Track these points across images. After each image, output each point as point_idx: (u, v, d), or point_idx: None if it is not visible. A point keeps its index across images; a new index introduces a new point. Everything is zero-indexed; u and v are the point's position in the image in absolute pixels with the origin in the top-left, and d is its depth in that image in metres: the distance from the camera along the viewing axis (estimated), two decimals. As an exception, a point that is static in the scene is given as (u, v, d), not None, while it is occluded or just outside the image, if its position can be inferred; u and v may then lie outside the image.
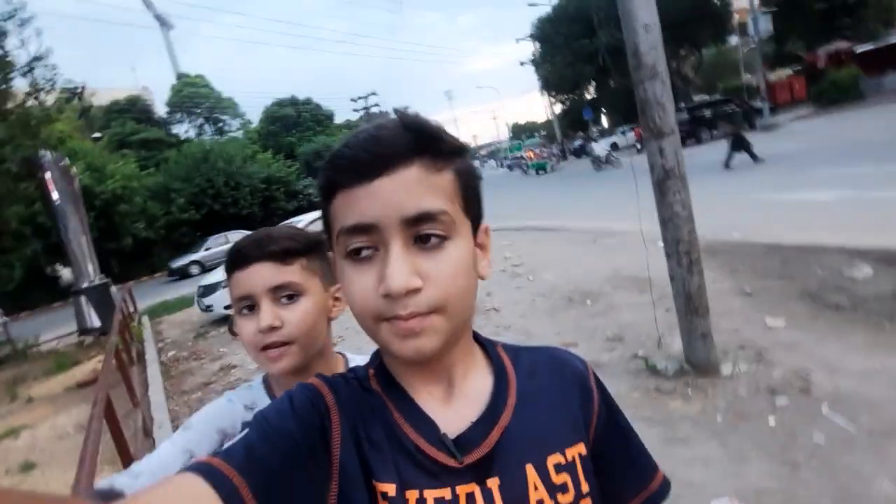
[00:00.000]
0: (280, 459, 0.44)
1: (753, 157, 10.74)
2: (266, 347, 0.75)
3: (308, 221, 9.33)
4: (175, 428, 4.16)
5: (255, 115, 36.74)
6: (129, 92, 33.58)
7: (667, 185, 2.79)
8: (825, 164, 8.55)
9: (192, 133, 34.52)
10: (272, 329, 0.74)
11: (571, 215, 9.27)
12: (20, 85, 8.81)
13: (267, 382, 0.85)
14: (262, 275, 0.76)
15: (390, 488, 0.46)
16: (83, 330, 9.19)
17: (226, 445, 0.46)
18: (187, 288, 11.53)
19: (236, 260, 0.78)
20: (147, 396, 5.07)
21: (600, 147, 19.64)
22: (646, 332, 3.64)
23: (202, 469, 0.42)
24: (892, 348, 2.81)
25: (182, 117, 34.50)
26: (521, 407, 0.51)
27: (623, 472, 0.56)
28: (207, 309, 7.97)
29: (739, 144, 10.82)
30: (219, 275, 8.34)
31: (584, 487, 0.50)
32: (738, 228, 5.71)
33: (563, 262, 6.29)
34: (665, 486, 0.57)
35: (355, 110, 38.61)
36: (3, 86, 8.31)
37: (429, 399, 0.50)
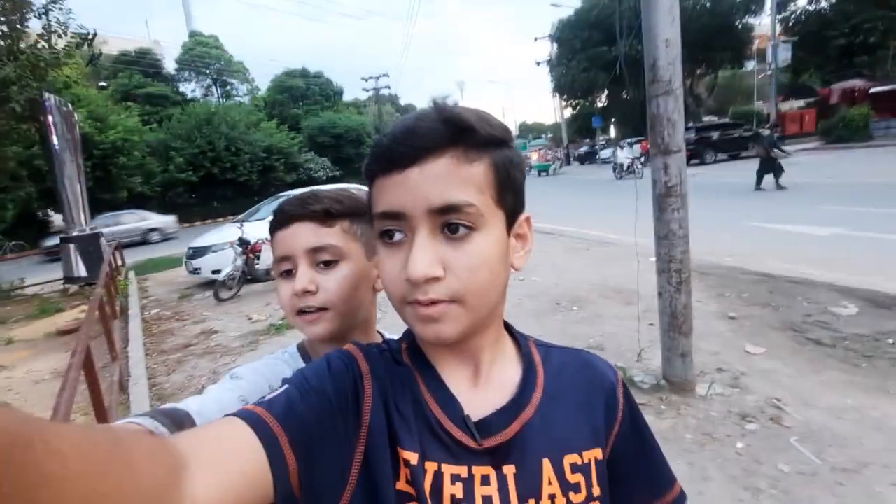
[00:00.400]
0: (316, 416, 0.47)
1: (758, 182, 10.77)
2: (302, 312, 0.73)
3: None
4: (152, 385, 4.16)
5: (263, 83, 36.32)
6: (140, 44, 33.04)
7: (667, 202, 2.80)
8: (825, 199, 8.62)
9: (198, 93, 34.06)
10: (306, 293, 0.72)
11: (569, 221, 9.30)
12: (33, 26, 8.68)
13: (303, 349, 0.83)
14: (301, 235, 0.73)
15: (413, 457, 0.48)
16: (69, 278, 9.11)
17: (267, 398, 0.49)
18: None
19: (279, 218, 0.75)
20: (126, 352, 5.05)
21: (625, 154, 18.86)
22: (627, 344, 3.68)
23: (247, 416, 0.45)
24: (866, 388, 2.86)
25: (190, 76, 34.00)
26: (544, 404, 0.52)
27: (640, 482, 0.57)
28: (195, 271, 7.94)
29: (770, 167, 10.62)
30: (210, 238, 8.31)
31: (596, 491, 0.51)
32: (731, 253, 5.76)
33: (556, 266, 6.31)
34: (680, 498, 0.58)
35: (365, 90, 38.24)
36: (18, 26, 8.17)
37: (456, 380, 0.52)
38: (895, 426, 2.47)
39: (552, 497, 0.49)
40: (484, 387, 0.53)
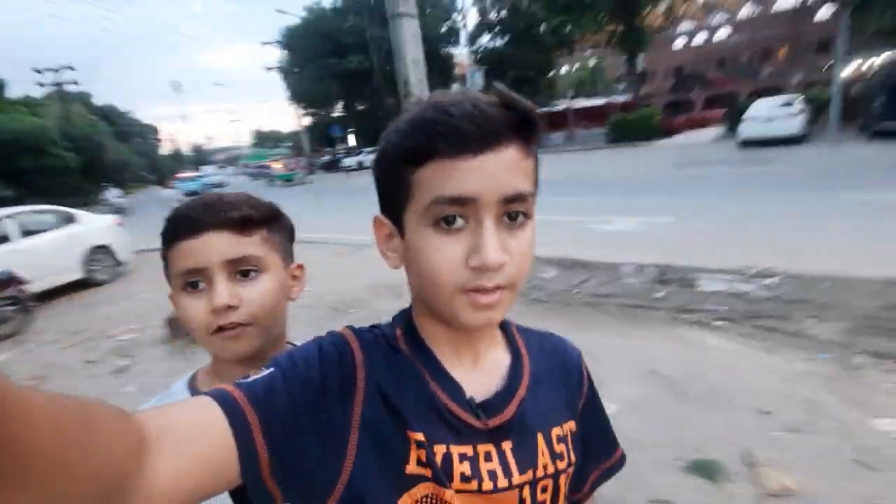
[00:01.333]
0: (296, 404, 0.46)
1: None
2: (220, 329, 0.65)
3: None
4: None
5: None
6: None
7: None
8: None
9: None
10: (229, 308, 0.64)
11: (330, 227, 9.44)
12: None
13: (193, 386, 0.71)
14: (217, 245, 0.64)
15: (422, 438, 0.49)
16: None
17: (250, 377, 0.47)
18: None
19: (184, 226, 0.65)
20: None
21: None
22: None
23: (221, 397, 0.43)
24: (569, 328, 3.95)
25: None
26: (532, 384, 0.57)
27: (594, 446, 0.63)
28: None
29: None
30: None
31: (573, 458, 0.57)
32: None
33: (325, 272, 6.37)
34: (622, 459, 0.66)
35: (41, 84, 29.85)
36: None
37: (457, 365, 0.54)
38: (589, 351, 3.49)
39: (545, 466, 0.53)
40: (482, 371, 0.56)
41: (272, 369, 0.48)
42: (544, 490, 0.53)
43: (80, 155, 28.33)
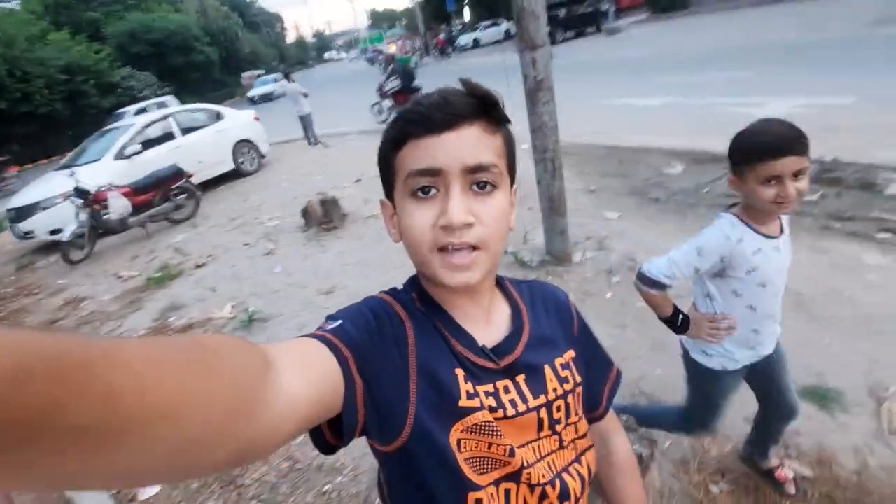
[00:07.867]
0: (371, 347, 0.56)
1: None
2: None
3: (133, 111, 7.90)
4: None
5: (33, -21, 27.96)
6: None
7: (537, 96, 3.01)
8: (657, 71, 9.68)
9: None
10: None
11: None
12: None
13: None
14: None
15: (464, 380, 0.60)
16: None
17: (328, 327, 0.57)
18: None
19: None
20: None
21: None
22: (514, 230, 4.09)
23: (319, 337, 0.54)
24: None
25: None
26: (532, 326, 0.68)
27: (594, 368, 0.75)
28: (26, 236, 6.70)
29: None
30: (35, 193, 6.92)
31: (578, 379, 0.68)
32: (586, 131, 6.38)
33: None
34: (619, 375, 0.79)
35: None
36: None
37: (470, 319, 0.64)
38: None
39: (555, 390, 0.64)
40: (491, 321, 0.66)
41: (340, 321, 0.57)
42: (559, 409, 0.64)
43: (218, 48, 30.51)
